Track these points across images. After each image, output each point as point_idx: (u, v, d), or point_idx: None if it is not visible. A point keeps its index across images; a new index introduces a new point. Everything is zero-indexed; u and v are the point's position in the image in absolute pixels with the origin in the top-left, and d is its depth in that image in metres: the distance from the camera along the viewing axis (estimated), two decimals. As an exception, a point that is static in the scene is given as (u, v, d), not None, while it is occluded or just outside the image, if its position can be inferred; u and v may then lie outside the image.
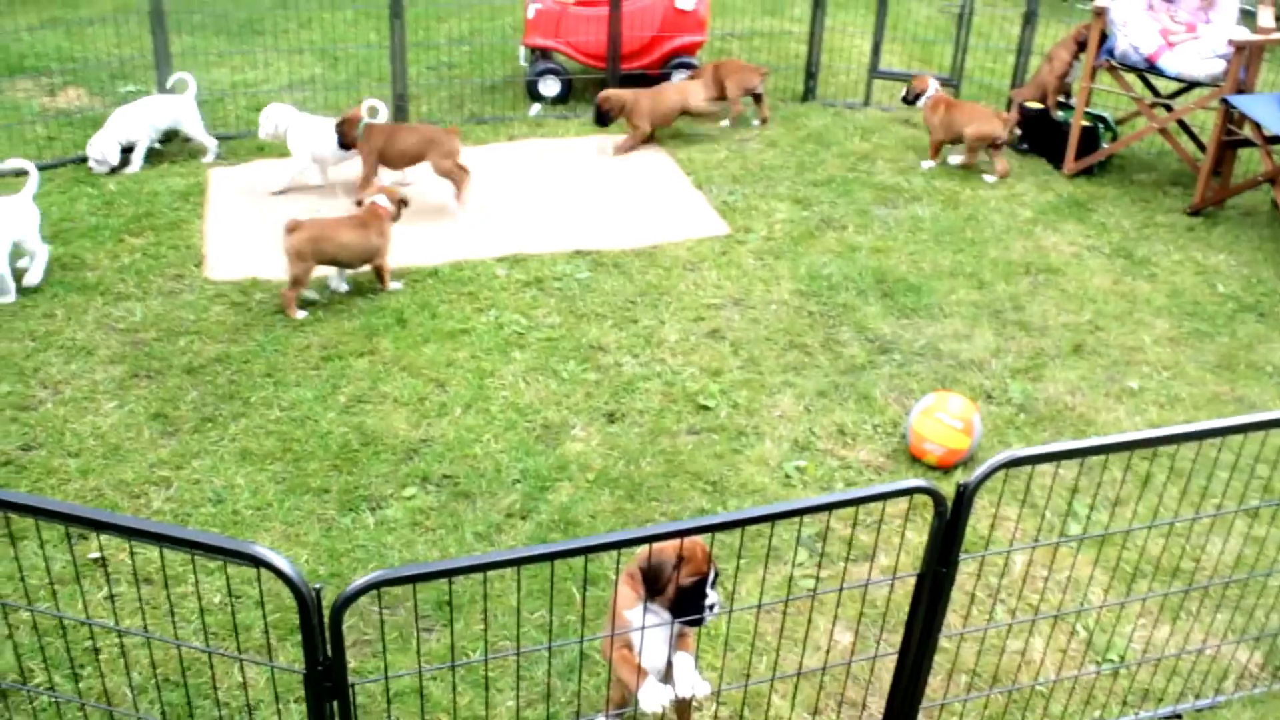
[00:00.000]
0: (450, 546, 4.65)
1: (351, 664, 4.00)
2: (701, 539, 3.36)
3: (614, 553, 4.41)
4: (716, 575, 3.40)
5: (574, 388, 5.75)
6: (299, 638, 3.21)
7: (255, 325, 6.15)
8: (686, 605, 3.35)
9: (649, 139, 8.71)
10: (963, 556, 3.28)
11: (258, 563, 2.64)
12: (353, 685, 2.83)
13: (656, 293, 6.62)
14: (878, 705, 3.95)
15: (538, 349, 6.05)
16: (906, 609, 3.38)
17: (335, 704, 2.84)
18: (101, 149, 7.65)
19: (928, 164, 8.41)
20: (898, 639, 3.52)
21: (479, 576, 4.39)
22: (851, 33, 10.20)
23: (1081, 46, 8.48)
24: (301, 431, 5.34)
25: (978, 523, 4.81)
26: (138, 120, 7.80)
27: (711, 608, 3.38)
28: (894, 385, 5.86)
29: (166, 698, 3.88)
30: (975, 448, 5.29)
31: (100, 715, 3.80)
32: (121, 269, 6.64)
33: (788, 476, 5.18)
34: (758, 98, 9.01)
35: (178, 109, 7.94)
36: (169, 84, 8.09)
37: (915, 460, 5.29)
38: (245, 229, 7.19)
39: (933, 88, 8.52)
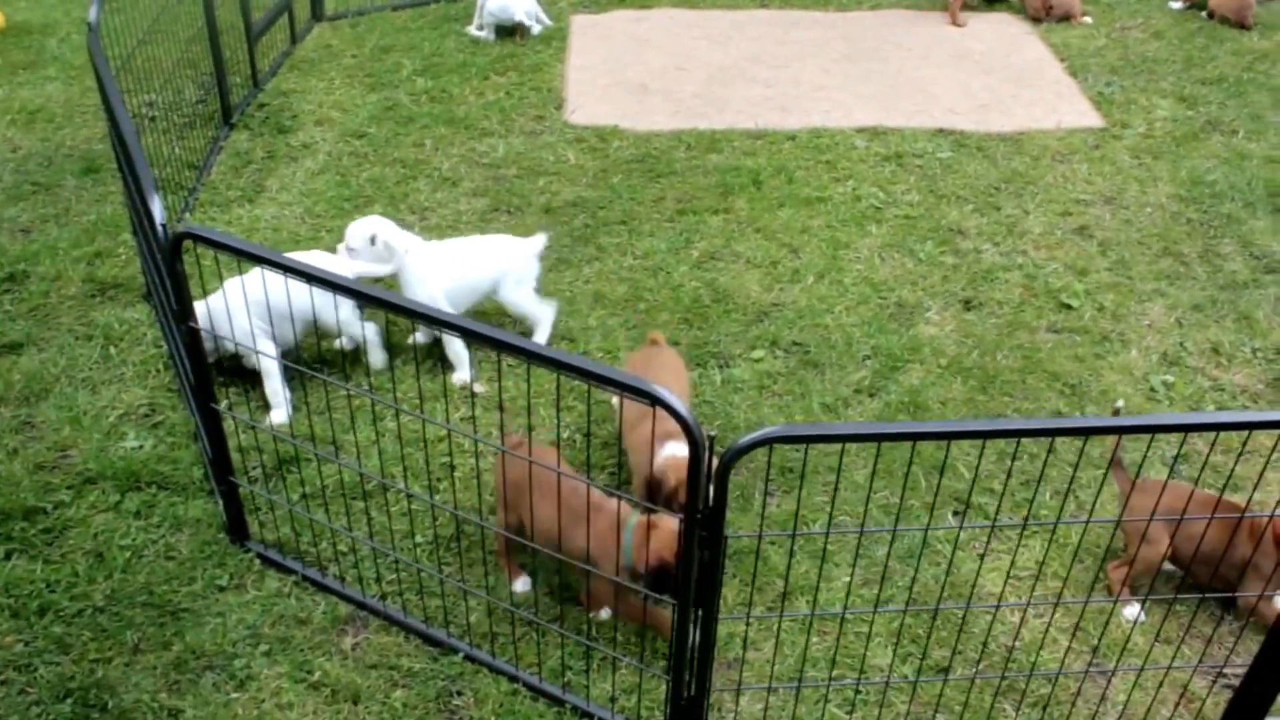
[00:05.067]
0: (796, 414, 4.58)
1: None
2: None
3: (967, 444, 4.29)
4: None
5: (930, 269, 5.53)
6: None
7: (612, 172, 6.17)
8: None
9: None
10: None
11: (656, 401, 2.61)
12: (726, 538, 2.79)
13: (1022, 181, 6.27)
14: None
15: (894, 225, 5.84)
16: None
17: (707, 553, 2.81)
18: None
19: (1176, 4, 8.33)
20: None
21: (830, 447, 4.33)
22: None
23: None
24: (654, 281, 5.34)
25: None
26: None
27: None
28: (1280, 306, 5.39)
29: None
30: (1374, 386, 4.81)
31: (451, 521, 3.94)
32: (486, 106, 6.78)
33: (1153, 390, 4.85)
34: None
35: None
36: None
37: (1304, 395, 4.86)
38: (606, 78, 7.19)
39: None
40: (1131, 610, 3.82)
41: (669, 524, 3.33)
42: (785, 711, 3.46)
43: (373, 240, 4.51)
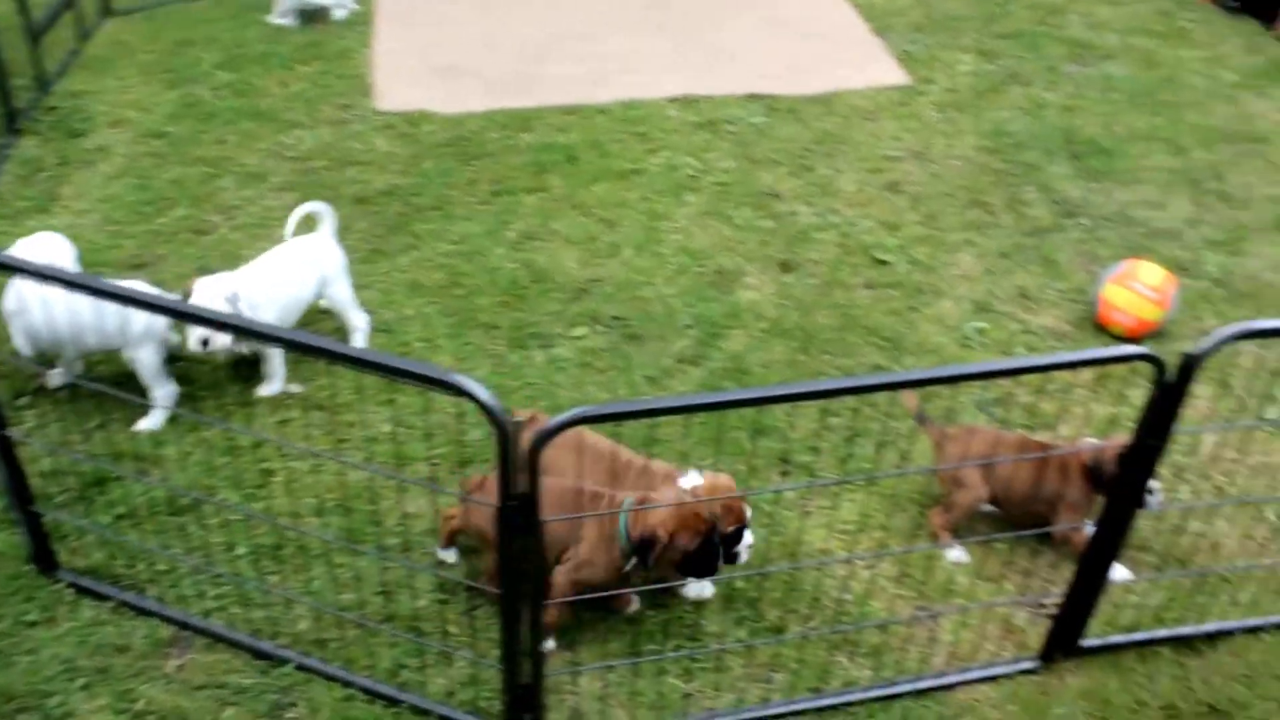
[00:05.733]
0: (620, 388, 4.58)
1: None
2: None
3: (803, 426, 4.34)
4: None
5: (747, 234, 5.59)
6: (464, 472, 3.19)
7: (424, 157, 6.08)
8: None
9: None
10: (1182, 431, 3.09)
11: (459, 391, 2.58)
12: (542, 522, 2.77)
13: (833, 141, 6.37)
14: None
15: (710, 193, 5.88)
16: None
17: (528, 540, 2.80)
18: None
19: None
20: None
21: (648, 420, 4.34)
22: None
23: None
24: (470, 266, 5.29)
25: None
26: None
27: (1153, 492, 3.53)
28: (1081, 250, 5.58)
29: (336, 522, 3.92)
30: (1167, 321, 5.01)
31: (273, 530, 3.84)
32: (291, 97, 6.61)
33: (966, 338, 4.99)
34: None
35: None
36: None
37: (1101, 329, 5.04)
38: (414, 61, 7.08)
39: None
40: (954, 553, 3.94)
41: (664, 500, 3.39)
42: (624, 687, 3.47)
43: (234, 300, 4.27)
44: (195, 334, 4.19)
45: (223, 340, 4.22)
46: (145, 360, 4.30)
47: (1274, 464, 4.40)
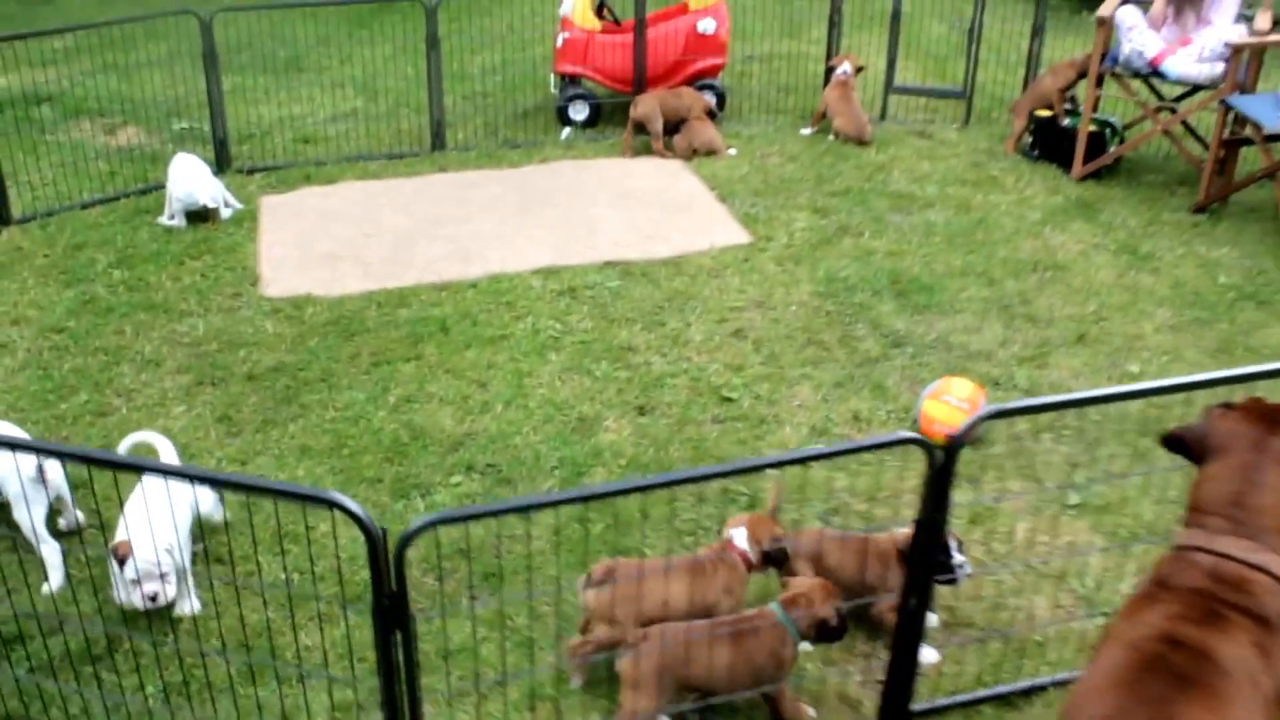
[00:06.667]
0: (494, 526, 5.06)
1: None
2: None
3: (658, 545, 4.86)
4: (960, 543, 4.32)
5: (606, 385, 6.16)
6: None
7: (309, 336, 6.60)
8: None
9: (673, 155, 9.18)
10: (955, 504, 3.67)
11: (333, 505, 3.07)
12: (413, 616, 3.24)
13: (683, 298, 7.03)
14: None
15: (572, 351, 6.47)
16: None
17: (399, 635, 3.26)
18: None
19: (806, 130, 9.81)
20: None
21: (523, 551, 4.85)
22: (868, 51, 10.58)
23: (1082, 75, 8.84)
24: (355, 429, 5.78)
25: (982, 496, 5.21)
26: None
27: (961, 566, 4.33)
28: (906, 375, 6.24)
29: (237, 658, 4.32)
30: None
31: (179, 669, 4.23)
32: (184, 290, 7.13)
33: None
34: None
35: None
36: None
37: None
38: (297, 251, 7.66)
39: (844, 68, 9.60)
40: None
41: (804, 582, 4.11)
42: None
43: (172, 551, 4.39)
44: (139, 594, 4.34)
45: (169, 593, 4.40)
46: (22, 520, 4.67)
47: (1080, 541, 5.00)
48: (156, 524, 4.07)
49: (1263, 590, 2.81)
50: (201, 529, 4.85)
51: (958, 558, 4.33)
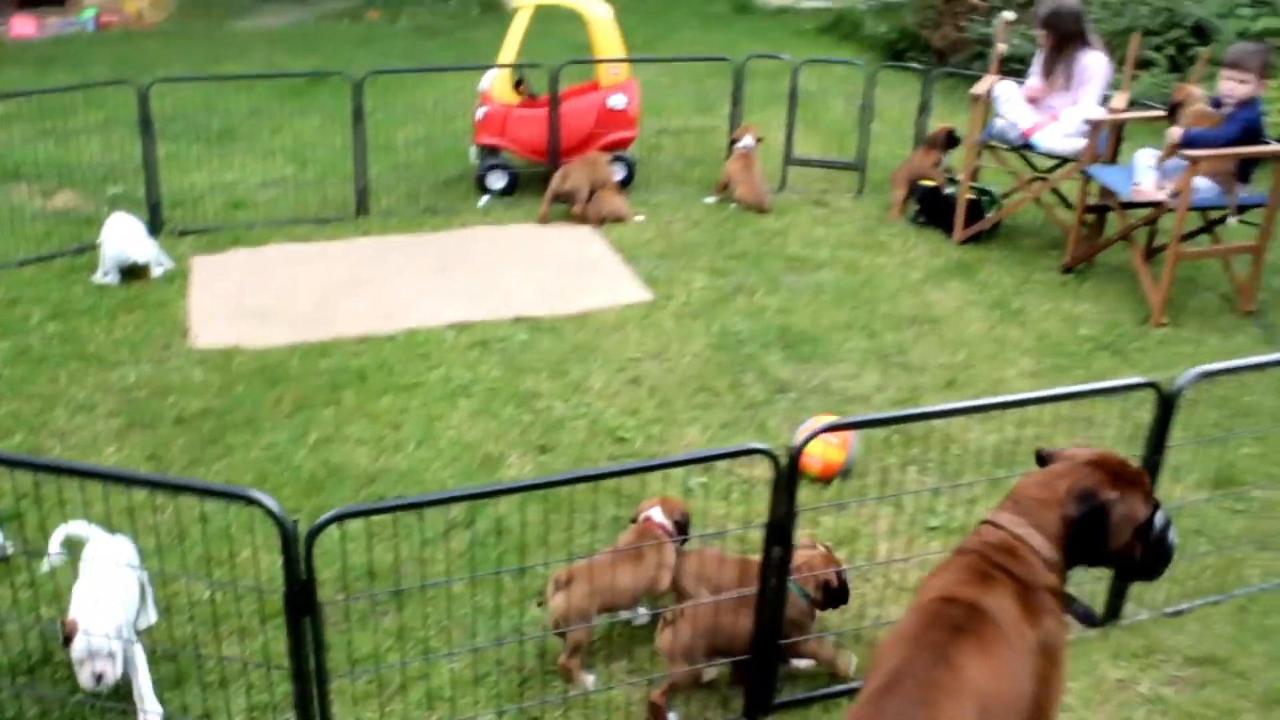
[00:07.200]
0: (404, 550, 5.52)
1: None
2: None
3: (543, 566, 5.34)
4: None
5: (511, 427, 6.67)
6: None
7: (235, 384, 7.06)
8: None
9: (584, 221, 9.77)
10: (800, 509, 4.23)
11: (250, 501, 3.55)
12: (322, 604, 3.72)
13: (586, 350, 7.58)
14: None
15: (481, 397, 6.98)
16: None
17: (309, 620, 3.73)
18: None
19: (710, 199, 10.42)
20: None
21: (427, 574, 5.32)
22: (773, 126, 11.27)
23: (939, 144, 9.88)
24: (276, 467, 6.23)
25: (857, 521, 5.77)
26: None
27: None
28: (788, 417, 6.80)
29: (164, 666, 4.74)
30: (851, 461, 6.21)
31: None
32: (115, 341, 7.57)
33: (689, 490, 6.08)
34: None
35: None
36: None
37: (800, 474, 6.19)
38: (226, 306, 8.13)
39: (746, 141, 10.22)
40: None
41: (804, 553, 4.70)
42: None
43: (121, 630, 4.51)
44: (87, 673, 4.37)
45: (115, 673, 4.41)
46: None
47: (935, 561, 5.53)
48: (105, 603, 4.27)
49: (1024, 555, 3.39)
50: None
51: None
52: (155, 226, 9.27)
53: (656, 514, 5.11)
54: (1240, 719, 4.67)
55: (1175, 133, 8.01)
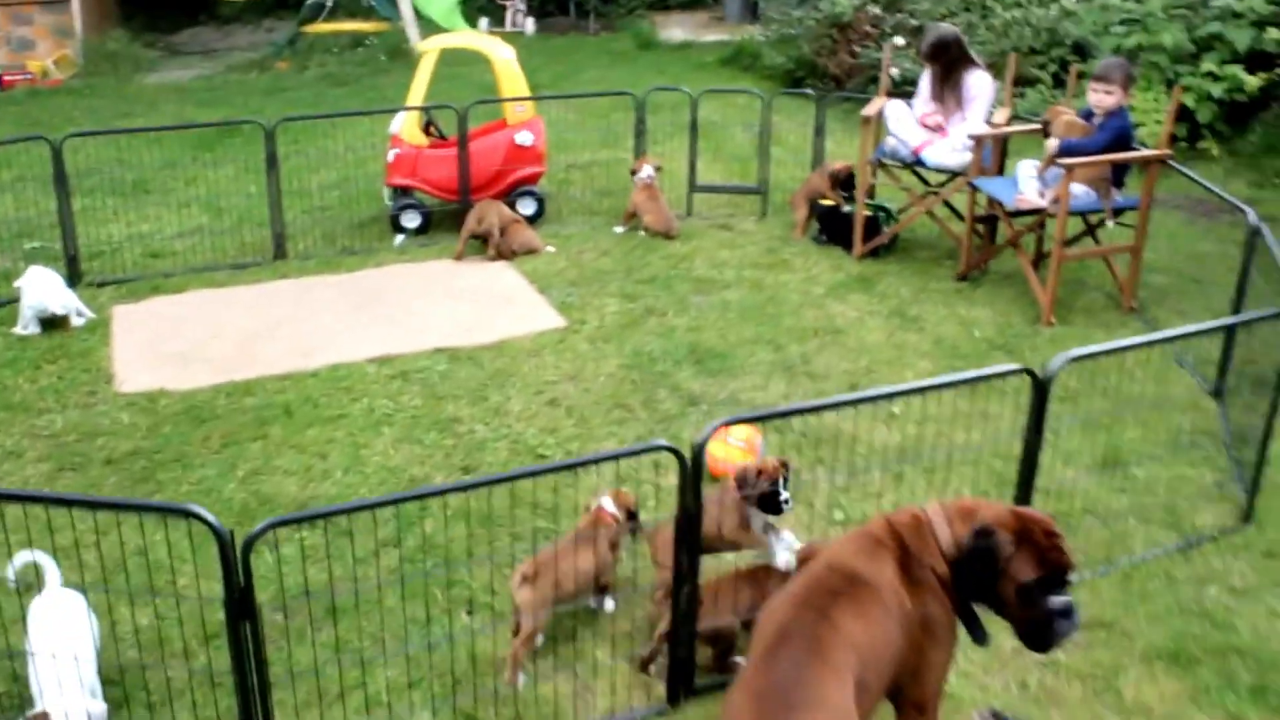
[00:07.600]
0: (337, 570, 5.75)
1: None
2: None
3: (482, 577, 5.62)
4: (787, 479, 5.08)
5: (435, 451, 6.93)
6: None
7: (163, 425, 7.24)
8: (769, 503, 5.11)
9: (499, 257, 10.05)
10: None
11: (188, 515, 3.78)
12: (261, 607, 3.96)
13: (504, 376, 7.86)
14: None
15: (404, 425, 7.23)
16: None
17: (248, 626, 3.96)
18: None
19: (619, 229, 10.71)
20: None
21: (359, 590, 5.56)
22: (678, 156, 11.66)
23: (839, 181, 10.32)
24: (208, 500, 6.41)
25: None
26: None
27: (786, 501, 5.13)
28: (699, 428, 7.10)
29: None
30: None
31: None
32: (41, 390, 7.71)
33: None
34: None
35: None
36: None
37: (713, 479, 6.53)
38: (150, 352, 8.30)
39: (646, 171, 10.57)
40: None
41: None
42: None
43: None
44: None
45: None
46: None
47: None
48: (69, 683, 4.38)
49: (925, 536, 3.74)
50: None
51: (784, 494, 5.14)
52: (74, 278, 9.42)
53: (608, 503, 5.55)
54: (1125, 673, 5.07)
55: (1052, 144, 8.51)
